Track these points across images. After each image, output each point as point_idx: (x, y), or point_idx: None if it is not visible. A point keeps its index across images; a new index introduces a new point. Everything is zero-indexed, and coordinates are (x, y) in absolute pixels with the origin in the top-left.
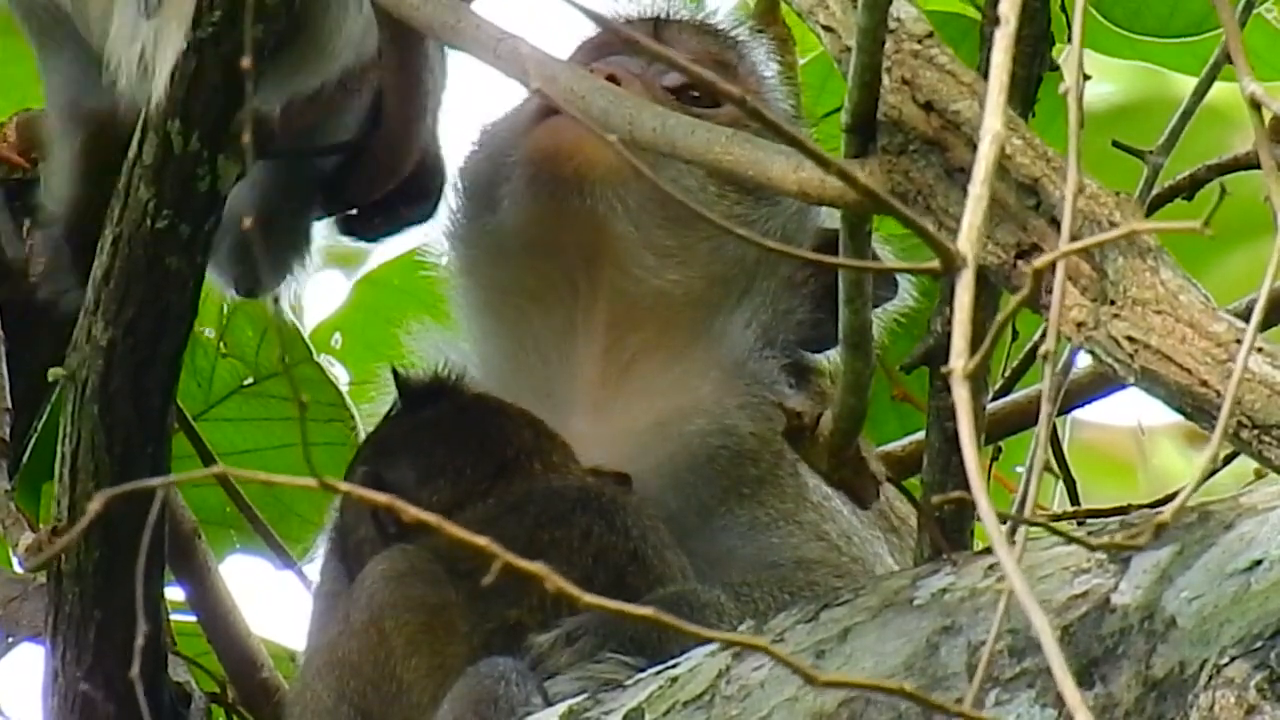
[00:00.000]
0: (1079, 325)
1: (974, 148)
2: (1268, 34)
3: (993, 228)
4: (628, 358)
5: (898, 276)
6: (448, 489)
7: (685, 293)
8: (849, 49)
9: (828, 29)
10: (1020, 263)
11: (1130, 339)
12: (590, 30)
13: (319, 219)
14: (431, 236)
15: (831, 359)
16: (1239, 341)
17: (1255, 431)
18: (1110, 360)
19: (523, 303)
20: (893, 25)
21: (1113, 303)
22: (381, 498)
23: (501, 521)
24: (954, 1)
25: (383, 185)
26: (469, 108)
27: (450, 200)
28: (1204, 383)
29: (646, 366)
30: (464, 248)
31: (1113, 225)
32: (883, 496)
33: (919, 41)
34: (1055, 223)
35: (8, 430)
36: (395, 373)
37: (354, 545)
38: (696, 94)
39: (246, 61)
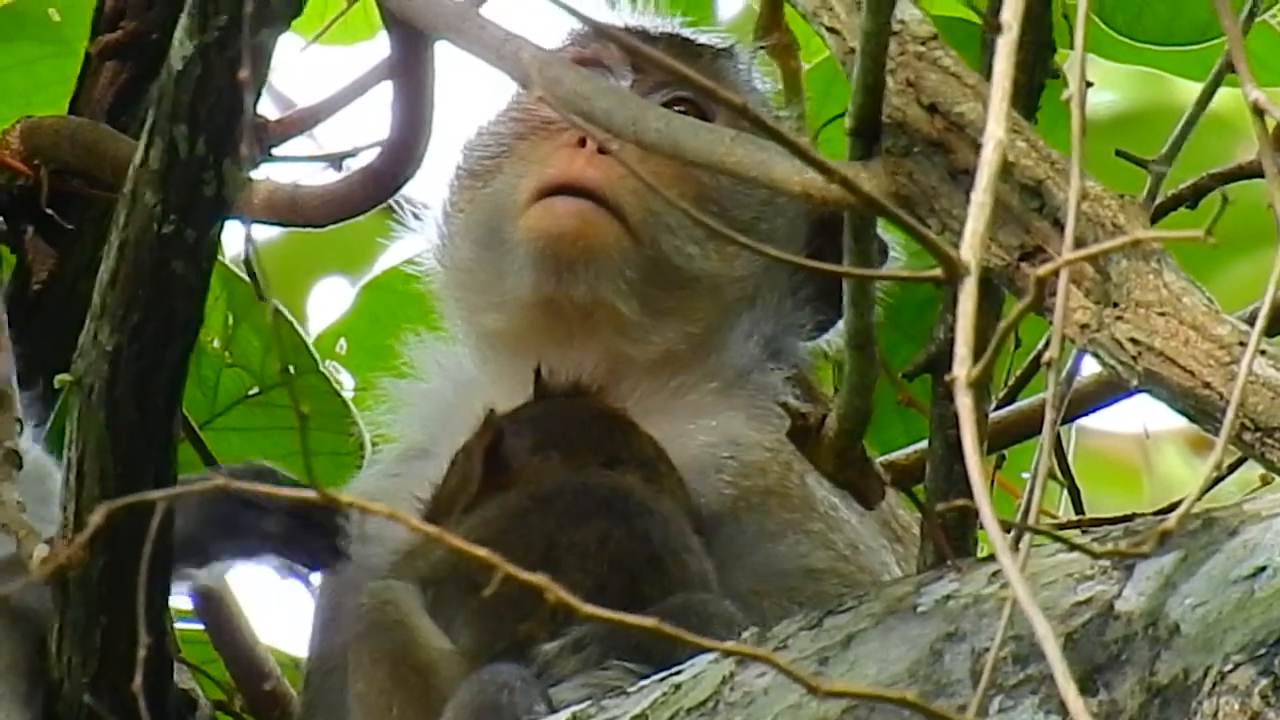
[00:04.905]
0: (1082, 328)
1: (977, 150)
2: (1270, 39)
3: (996, 230)
4: (624, 390)
5: (888, 242)
6: (558, 461)
7: (686, 343)
8: (853, 51)
9: (832, 31)
10: (1023, 265)
11: (1133, 341)
12: (564, 46)
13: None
14: (420, 255)
15: (832, 343)
16: (1242, 344)
17: (1258, 434)
18: (1113, 362)
19: (517, 344)
20: (896, 27)
21: (1116, 305)
22: (382, 508)
23: (529, 517)
24: (956, 7)
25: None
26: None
27: (441, 227)
28: (1207, 385)
29: (645, 390)
30: (458, 289)
31: (1116, 228)
32: (886, 505)
33: (923, 44)
34: (1059, 225)
35: (18, 440)
36: (537, 373)
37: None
38: (683, 110)
39: (245, 72)
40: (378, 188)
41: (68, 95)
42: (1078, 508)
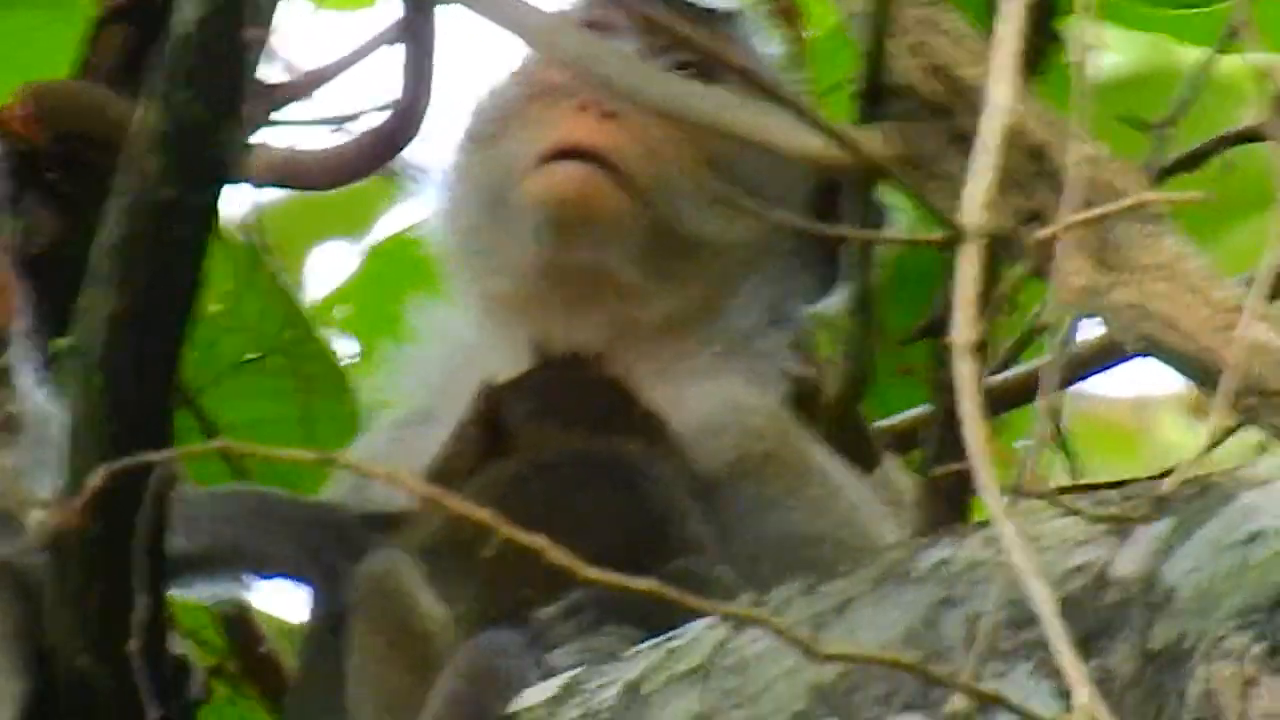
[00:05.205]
0: (1081, 291)
1: (981, 114)
2: (1276, 4)
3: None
4: (626, 355)
5: (890, 207)
6: (557, 428)
7: (689, 308)
8: (858, 15)
9: None
10: (1024, 229)
11: (1132, 305)
12: (571, 10)
13: None
14: (424, 219)
15: (833, 308)
16: (1242, 308)
17: (1257, 398)
18: (1112, 326)
19: (520, 309)
20: None
21: (1115, 269)
22: (380, 470)
23: (527, 485)
24: None
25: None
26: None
27: (446, 190)
28: (1206, 349)
29: (646, 355)
30: (462, 254)
31: (1117, 192)
32: (883, 470)
33: (928, 7)
34: (1060, 189)
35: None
36: (538, 338)
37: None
38: (690, 74)
39: (248, 36)
40: (379, 151)
41: (70, 63)
42: (1074, 473)
